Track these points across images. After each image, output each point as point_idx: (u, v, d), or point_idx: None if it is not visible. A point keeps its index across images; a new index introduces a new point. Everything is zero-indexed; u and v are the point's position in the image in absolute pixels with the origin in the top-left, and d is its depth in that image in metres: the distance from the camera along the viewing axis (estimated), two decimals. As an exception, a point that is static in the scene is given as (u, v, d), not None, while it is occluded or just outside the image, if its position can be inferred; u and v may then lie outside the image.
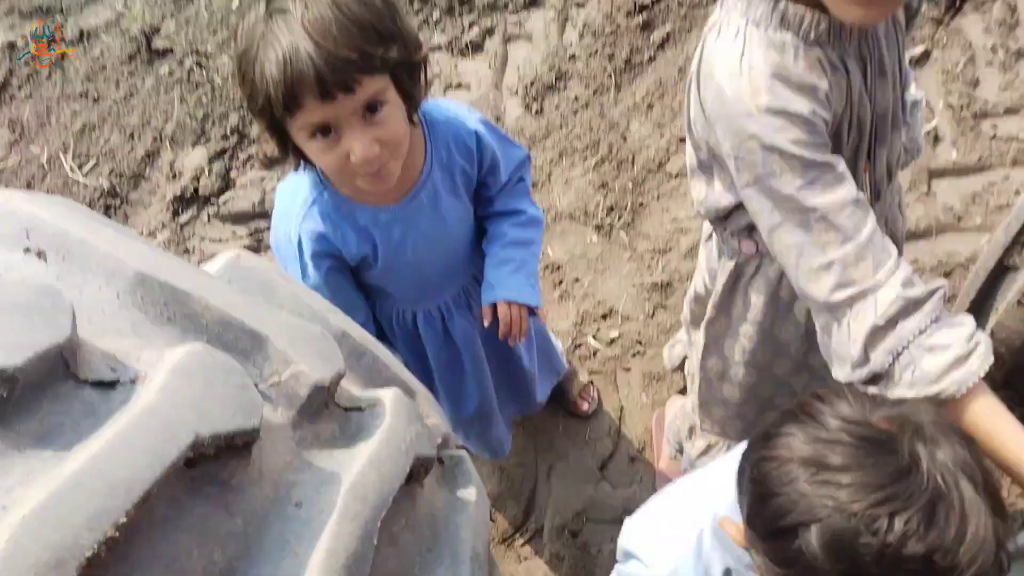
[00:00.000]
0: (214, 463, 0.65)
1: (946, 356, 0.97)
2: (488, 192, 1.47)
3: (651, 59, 3.05)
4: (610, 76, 3.03)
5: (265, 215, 2.91)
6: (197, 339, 0.77)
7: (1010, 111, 2.72)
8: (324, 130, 1.10)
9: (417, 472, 0.78)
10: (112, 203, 3.01)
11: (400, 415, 0.80)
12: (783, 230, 1.07)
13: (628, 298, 2.51)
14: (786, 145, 1.01)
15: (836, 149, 1.10)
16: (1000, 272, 1.67)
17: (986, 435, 0.96)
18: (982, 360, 0.98)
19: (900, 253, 1.07)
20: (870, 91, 1.13)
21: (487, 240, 1.50)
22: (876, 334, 1.01)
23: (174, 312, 0.79)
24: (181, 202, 2.96)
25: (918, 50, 2.86)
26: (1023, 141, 2.66)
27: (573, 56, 3.11)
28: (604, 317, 2.51)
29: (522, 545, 2.11)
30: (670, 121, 2.89)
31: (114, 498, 0.56)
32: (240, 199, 2.93)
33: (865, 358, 1.04)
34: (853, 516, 0.77)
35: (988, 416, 0.97)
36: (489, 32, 3.24)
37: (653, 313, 2.47)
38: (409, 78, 1.16)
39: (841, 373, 1.10)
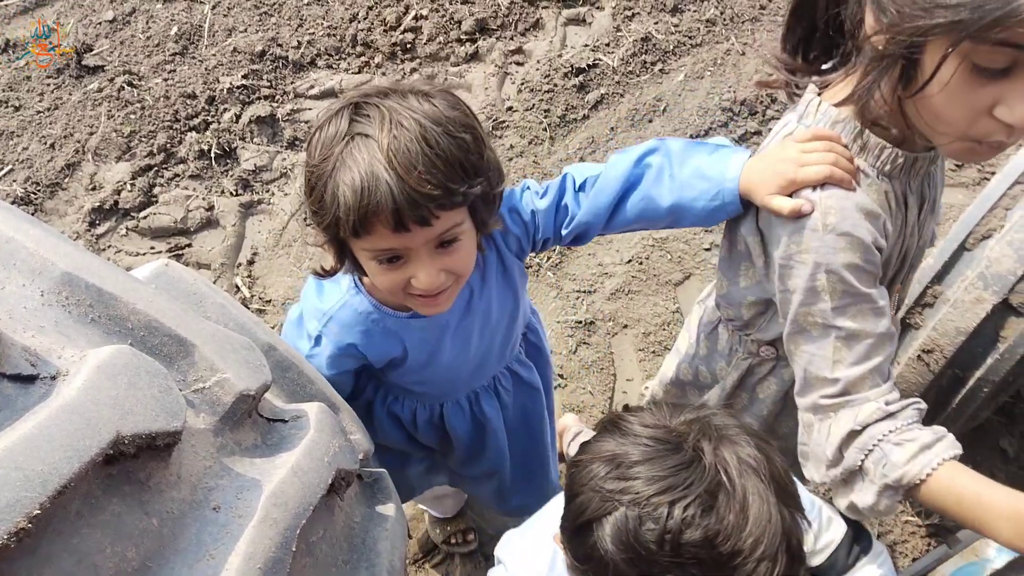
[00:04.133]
0: (132, 463, 0.64)
1: (913, 446, 1.01)
2: (562, 228, 1.28)
3: (585, 117, 3.17)
4: (545, 129, 3.13)
5: (187, 232, 2.85)
6: (122, 341, 0.77)
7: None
8: (392, 258, 1.04)
9: (338, 485, 0.79)
10: (26, 211, 2.89)
11: (324, 428, 0.81)
12: (802, 337, 1.09)
13: (553, 334, 2.56)
14: (839, 268, 1.02)
15: (883, 275, 1.11)
16: (903, 329, 1.80)
17: (954, 505, 0.97)
18: (947, 447, 1.00)
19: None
20: (921, 225, 1.15)
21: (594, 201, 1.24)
22: (851, 436, 1.05)
23: (99, 314, 0.78)
24: (99, 214, 2.87)
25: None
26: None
27: (511, 108, 3.20)
28: (528, 355, 2.55)
29: (434, 566, 2.09)
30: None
31: (28, 490, 0.55)
32: (162, 215, 2.87)
33: (839, 457, 1.07)
34: (637, 506, 0.83)
35: (948, 487, 0.98)
36: (429, 79, 3.31)
37: (576, 349, 2.53)
38: (486, 208, 1.09)
39: (816, 474, 1.13)
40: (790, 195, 1.06)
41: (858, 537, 1.16)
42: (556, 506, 1.13)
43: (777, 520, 0.82)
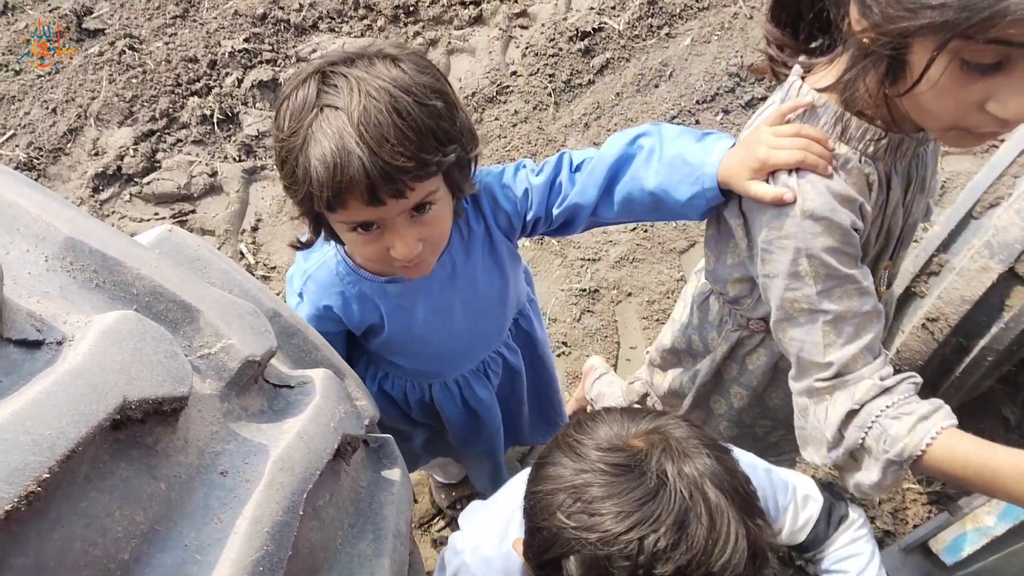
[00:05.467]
0: (140, 427, 0.65)
1: (911, 418, 1.01)
2: (553, 207, 1.26)
3: (590, 82, 3.13)
4: (550, 94, 3.09)
5: (190, 198, 2.85)
6: (127, 307, 0.77)
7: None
8: (366, 226, 1.02)
9: (344, 450, 0.79)
10: (29, 176, 2.88)
11: (329, 394, 0.81)
12: (790, 323, 1.09)
13: (557, 302, 2.57)
14: (819, 252, 1.02)
15: (864, 253, 1.11)
16: (908, 298, 1.79)
17: (960, 470, 0.97)
18: (944, 416, 1.01)
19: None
20: (907, 204, 1.14)
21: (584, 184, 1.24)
22: (850, 416, 1.06)
23: (104, 279, 0.78)
24: (102, 179, 2.86)
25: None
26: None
27: (515, 73, 3.16)
28: (532, 322, 2.55)
29: (439, 530, 2.12)
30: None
31: (37, 454, 0.55)
32: (165, 181, 2.86)
33: (840, 437, 1.07)
34: (606, 544, 0.81)
35: (952, 453, 0.98)
36: (432, 43, 3.27)
37: (580, 317, 2.53)
38: (461, 173, 1.08)
39: (817, 456, 1.13)
40: (767, 180, 1.05)
41: (835, 507, 1.18)
42: (519, 481, 1.13)
43: (743, 536, 0.81)
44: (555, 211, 1.24)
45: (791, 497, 1.15)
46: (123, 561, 0.57)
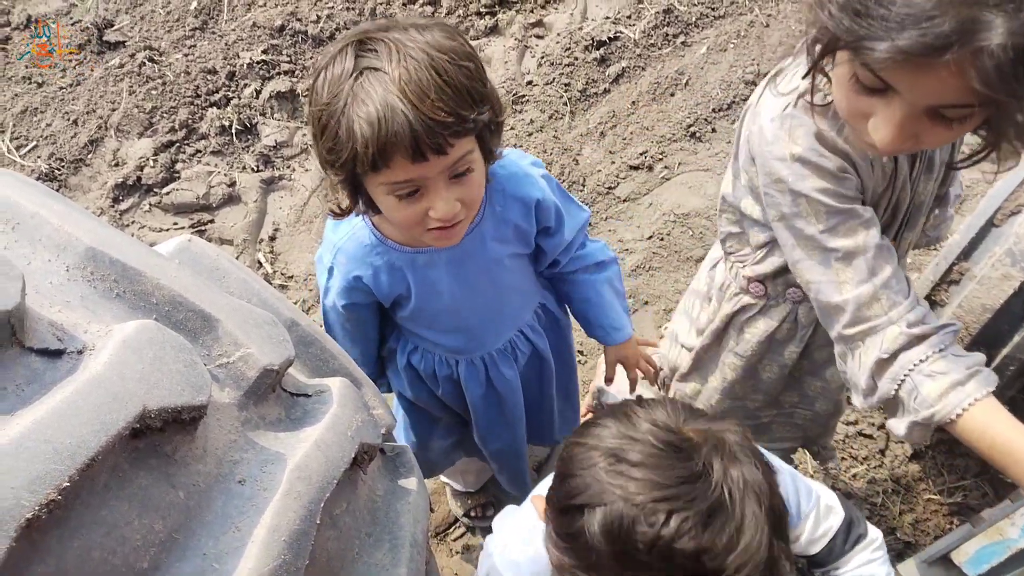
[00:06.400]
0: (159, 436, 0.65)
1: (945, 380, 1.01)
2: (553, 253, 1.42)
3: (606, 91, 3.13)
4: (565, 104, 3.10)
5: (209, 208, 2.87)
6: (147, 317, 0.77)
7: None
8: (406, 188, 1.06)
9: (361, 459, 0.79)
10: (50, 187, 2.92)
11: (347, 403, 0.82)
12: (803, 266, 1.12)
13: (572, 314, 2.56)
14: (811, 192, 1.05)
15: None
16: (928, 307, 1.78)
17: (986, 449, 0.98)
18: (979, 385, 1.01)
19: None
20: (914, 182, 1.16)
21: (574, 287, 1.50)
22: (881, 365, 1.07)
23: (124, 289, 0.79)
24: (122, 189, 2.90)
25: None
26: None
27: (530, 82, 3.17)
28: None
29: (455, 540, 2.12)
30: (621, 149, 2.97)
31: (57, 463, 0.56)
32: (184, 191, 2.89)
33: (873, 386, 1.09)
34: (635, 506, 0.82)
35: (983, 429, 0.99)
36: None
37: (596, 330, 2.53)
38: (492, 137, 1.13)
39: (857, 400, 1.15)
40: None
41: (855, 524, 1.17)
42: (545, 485, 1.14)
43: (765, 550, 0.82)
44: (545, 240, 1.39)
45: (814, 504, 1.14)
46: (142, 570, 0.58)
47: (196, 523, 0.63)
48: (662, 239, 2.72)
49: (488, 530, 2.13)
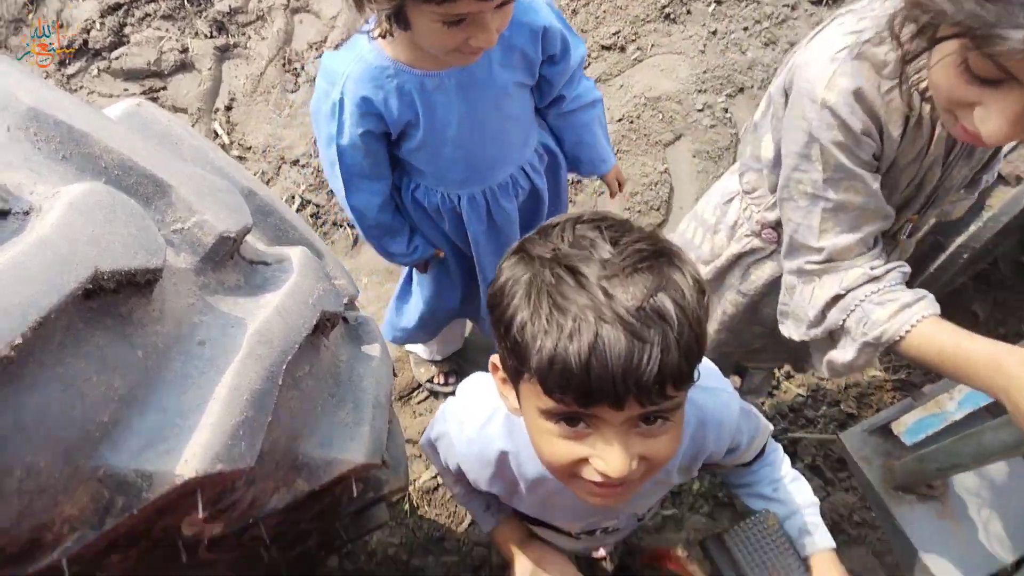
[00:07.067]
0: (113, 297, 0.64)
1: (894, 304, 1.04)
2: (558, 84, 1.47)
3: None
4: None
5: (160, 75, 2.74)
6: (95, 180, 0.75)
7: None
8: (458, 20, 1.11)
9: (323, 325, 0.80)
10: (-11, 51, 2.76)
11: (307, 272, 0.81)
12: (791, 204, 1.11)
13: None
14: (827, 143, 1.03)
15: (890, 193, 1.12)
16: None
17: (935, 356, 1.00)
18: (927, 305, 1.03)
19: None
20: (947, 165, 1.13)
21: (571, 129, 1.58)
22: (835, 299, 1.09)
23: (71, 151, 0.76)
24: (68, 53, 2.74)
25: None
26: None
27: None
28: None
29: (418, 403, 2.19)
30: (593, 28, 2.86)
31: (8, 320, 0.55)
32: (134, 56, 2.74)
33: (821, 318, 1.11)
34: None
35: (930, 339, 1.01)
36: None
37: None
38: None
39: (795, 332, 1.17)
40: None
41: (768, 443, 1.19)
42: None
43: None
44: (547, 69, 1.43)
45: (762, 435, 1.15)
46: (102, 423, 0.59)
47: (156, 381, 0.63)
48: (632, 122, 2.67)
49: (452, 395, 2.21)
